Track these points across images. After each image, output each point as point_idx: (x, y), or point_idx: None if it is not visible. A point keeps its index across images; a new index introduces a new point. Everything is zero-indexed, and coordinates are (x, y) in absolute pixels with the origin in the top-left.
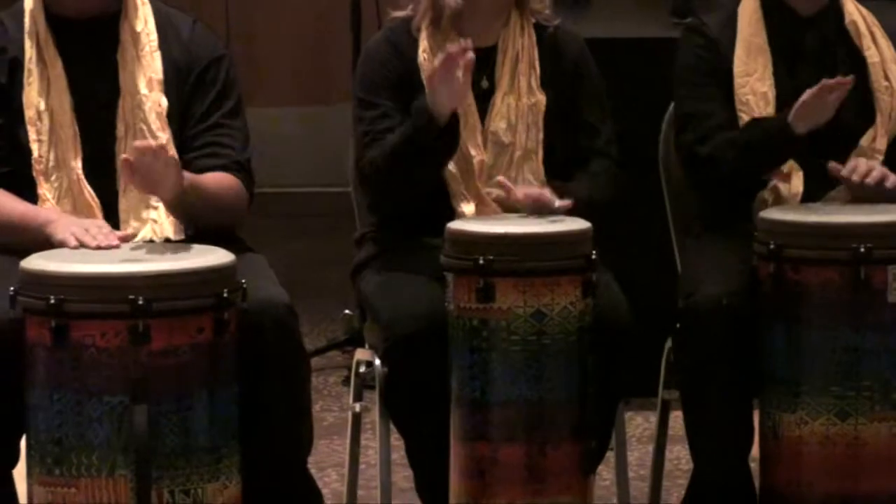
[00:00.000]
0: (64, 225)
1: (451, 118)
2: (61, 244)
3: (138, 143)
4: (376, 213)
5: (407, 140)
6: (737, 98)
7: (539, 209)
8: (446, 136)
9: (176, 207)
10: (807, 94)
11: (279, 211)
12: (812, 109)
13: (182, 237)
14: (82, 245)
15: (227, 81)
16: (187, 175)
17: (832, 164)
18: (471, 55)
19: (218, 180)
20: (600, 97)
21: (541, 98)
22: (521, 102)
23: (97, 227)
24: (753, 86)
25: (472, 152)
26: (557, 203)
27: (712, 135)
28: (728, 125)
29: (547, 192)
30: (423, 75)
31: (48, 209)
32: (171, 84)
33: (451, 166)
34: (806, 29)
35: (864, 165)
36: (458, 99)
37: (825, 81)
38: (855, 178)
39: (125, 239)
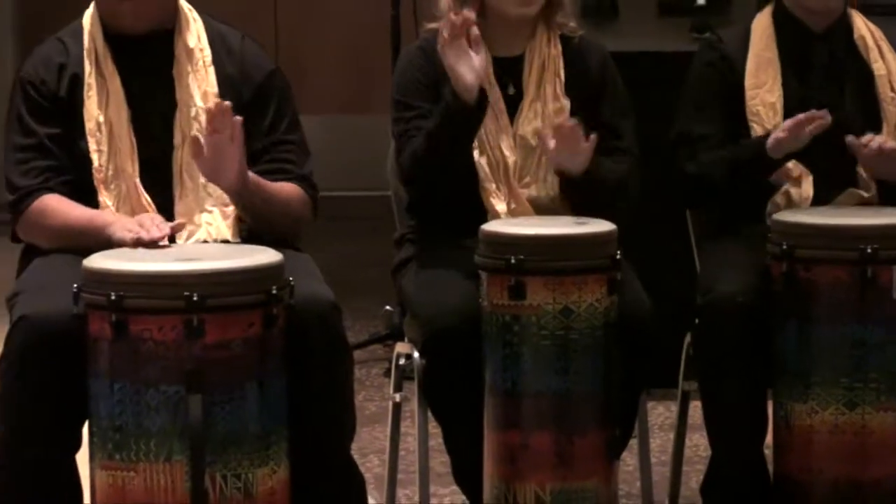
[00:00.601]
0: (121, 225)
1: (479, 96)
2: (120, 243)
3: (213, 104)
4: (415, 213)
5: (441, 122)
6: (748, 109)
7: (568, 145)
8: (477, 113)
9: (238, 201)
10: (783, 127)
11: (323, 213)
12: (789, 141)
13: (237, 240)
14: (139, 241)
15: (284, 96)
16: (252, 175)
17: (850, 139)
18: (475, 31)
19: (285, 189)
20: (623, 102)
21: (565, 104)
22: (547, 108)
23: (150, 220)
24: (763, 97)
25: (506, 153)
26: (584, 142)
27: (705, 148)
28: (719, 144)
29: (579, 130)
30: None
31: (106, 212)
32: (225, 97)
33: (485, 165)
34: (816, 43)
35: (879, 139)
36: (479, 72)
37: (800, 117)
38: (873, 144)
39: (177, 229)
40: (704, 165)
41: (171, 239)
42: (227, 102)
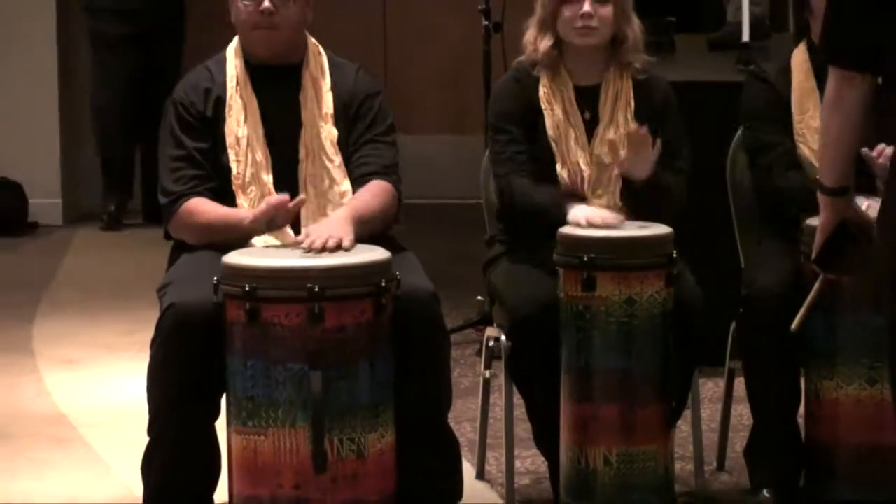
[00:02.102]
0: (251, 215)
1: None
2: (255, 231)
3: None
4: (503, 220)
5: (548, 207)
6: (795, 132)
7: (638, 151)
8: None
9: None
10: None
11: (425, 218)
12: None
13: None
14: (265, 215)
15: (380, 110)
16: (354, 216)
17: (864, 151)
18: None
19: (374, 192)
20: (681, 128)
21: (635, 128)
22: (619, 132)
23: (275, 198)
24: (808, 122)
25: (583, 167)
26: (651, 147)
27: (780, 168)
28: (791, 152)
29: (648, 137)
30: (544, 109)
31: (241, 210)
32: (340, 117)
33: (566, 177)
34: None
35: (889, 150)
36: (588, 221)
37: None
38: (881, 160)
39: (299, 204)
40: (786, 180)
41: (297, 231)
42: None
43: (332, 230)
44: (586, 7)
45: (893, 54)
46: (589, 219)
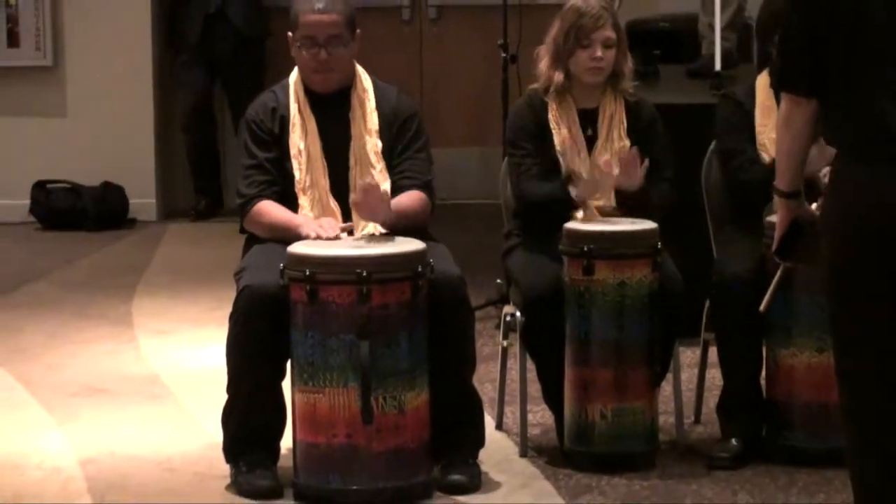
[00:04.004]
0: (307, 225)
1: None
2: (306, 237)
3: (361, 182)
4: (518, 217)
5: (552, 196)
6: (758, 141)
7: (630, 168)
8: (572, 204)
9: (388, 227)
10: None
11: (454, 216)
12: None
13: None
14: (318, 237)
15: (418, 129)
16: (393, 205)
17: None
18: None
19: (412, 198)
20: (665, 143)
21: (626, 143)
22: (614, 146)
23: (328, 223)
24: (768, 134)
25: (584, 176)
26: (640, 166)
27: (747, 165)
28: (755, 158)
29: (637, 157)
30: (553, 128)
31: (300, 216)
32: (384, 132)
33: (570, 185)
34: None
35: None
36: (588, 195)
37: None
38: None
39: (346, 229)
40: (750, 174)
41: (350, 232)
42: (375, 182)
43: (374, 207)
44: (598, 52)
45: (831, 83)
46: (585, 190)
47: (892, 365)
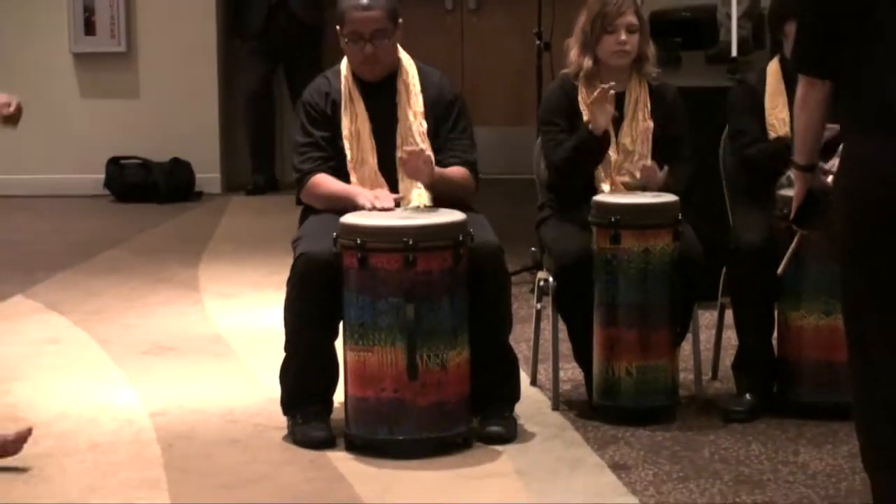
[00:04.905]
0: (363, 195)
1: (603, 134)
2: (362, 207)
3: (407, 147)
4: (551, 190)
5: (577, 145)
6: (767, 122)
7: (650, 178)
8: (599, 145)
9: (431, 188)
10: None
11: (492, 189)
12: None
13: (433, 206)
14: (373, 207)
15: (461, 112)
16: (438, 169)
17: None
18: (612, 92)
19: (459, 173)
20: (685, 124)
21: (650, 124)
22: (638, 127)
23: (384, 194)
24: (777, 115)
25: (611, 154)
26: (660, 174)
27: (752, 143)
28: (761, 136)
29: (656, 169)
30: (583, 109)
31: (354, 186)
32: (429, 113)
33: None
34: None
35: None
36: (608, 121)
37: None
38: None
39: (397, 200)
40: (757, 150)
41: (397, 204)
42: (422, 148)
43: (419, 167)
44: (622, 37)
45: (844, 66)
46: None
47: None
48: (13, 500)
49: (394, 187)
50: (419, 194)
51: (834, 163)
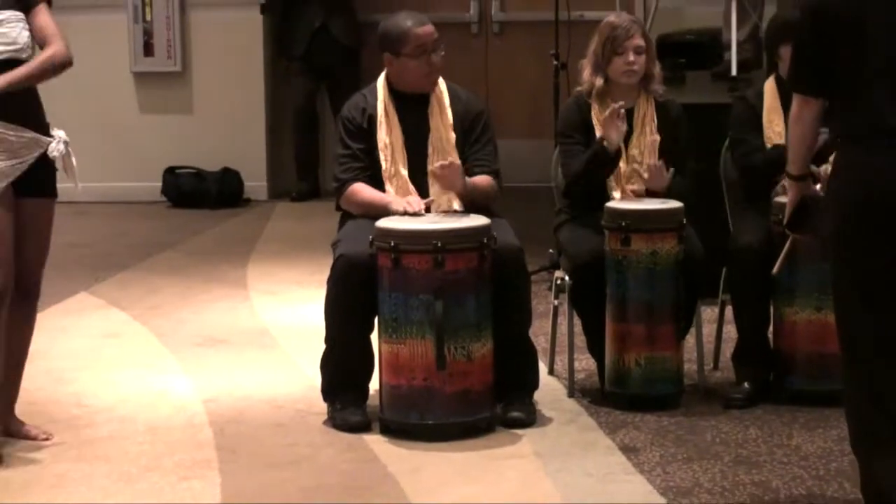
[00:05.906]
0: (396, 202)
1: (616, 151)
2: (395, 212)
3: (441, 161)
4: (567, 197)
5: (591, 159)
6: (765, 135)
7: (657, 177)
8: (611, 158)
9: (462, 197)
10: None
11: (514, 196)
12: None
13: (462, 209)
14: (405, 212)
15: (486, 125)
16: (468, 180)
17: (813, 168)
18: (622, 111)
19: (485, 181)
20: (688, 140)
21: (657, 137)
22: (646, 140)
23: (415, 200)
24: (774, 129)
25: (621, 165)
26: (666, 174)
27: (752, 152)
28: (760, 147)
29: (663, 169)
30: (595, 124)
31: (388, 194)
32: (458, 126)
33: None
34: None
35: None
36: (621, 138)
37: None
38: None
39: (427, 205)
40: (755, 160)
41: (428, 209)
42: (453, 160)
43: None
44: (631, 58)
45: (837, 82)
46: (614, 135)
47: (883, 319)
48: (78, 477)
49: (424, 194)
50: (448, 199)
51: (825, 168)
